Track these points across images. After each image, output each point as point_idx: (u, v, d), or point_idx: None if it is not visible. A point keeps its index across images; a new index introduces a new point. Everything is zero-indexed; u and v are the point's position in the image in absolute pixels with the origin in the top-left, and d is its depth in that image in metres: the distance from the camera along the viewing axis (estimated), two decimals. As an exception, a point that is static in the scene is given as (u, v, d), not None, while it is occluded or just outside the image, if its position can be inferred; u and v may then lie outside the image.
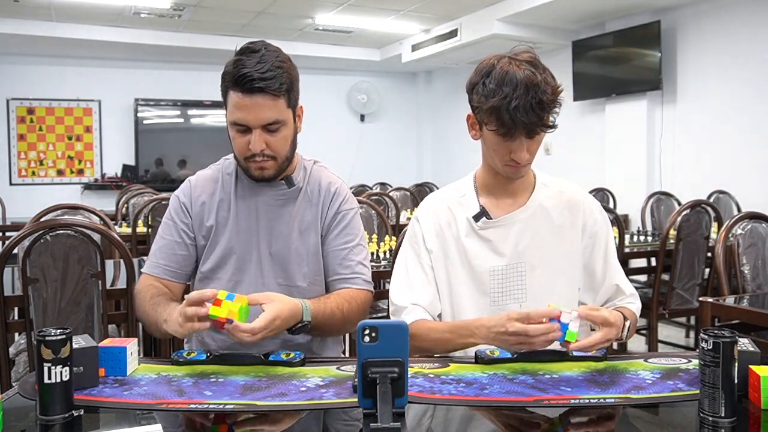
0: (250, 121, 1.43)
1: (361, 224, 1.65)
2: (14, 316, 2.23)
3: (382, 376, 0.95)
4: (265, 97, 1.41)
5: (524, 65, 1.33)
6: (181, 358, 1.28)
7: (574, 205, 1.50)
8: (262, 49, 1.43)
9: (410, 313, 1.45)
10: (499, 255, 1.45)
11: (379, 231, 3.27)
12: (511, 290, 1.45)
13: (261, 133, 1.44)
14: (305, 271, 1.55)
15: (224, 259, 1.55)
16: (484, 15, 6.01)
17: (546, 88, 1.31)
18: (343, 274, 1.57)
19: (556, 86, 1.34)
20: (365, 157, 8.59)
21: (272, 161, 1.48)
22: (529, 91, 1.29)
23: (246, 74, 1.39)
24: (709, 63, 5.15)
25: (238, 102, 1.42)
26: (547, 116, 1.33)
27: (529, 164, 1.42)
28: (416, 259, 1.50)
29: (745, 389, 1.07)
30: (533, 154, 1.40)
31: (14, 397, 1.12)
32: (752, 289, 2.25)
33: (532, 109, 1.30)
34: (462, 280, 1.46)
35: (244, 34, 6.91)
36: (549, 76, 1.35)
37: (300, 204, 1.57)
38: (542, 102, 1.30)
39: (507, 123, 1.31)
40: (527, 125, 1.31)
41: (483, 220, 1.46)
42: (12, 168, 7.34)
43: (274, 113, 1.43)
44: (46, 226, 1.98)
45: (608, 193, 5.50)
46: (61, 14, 6.14)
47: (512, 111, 1.29)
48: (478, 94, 1.36)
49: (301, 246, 1.55)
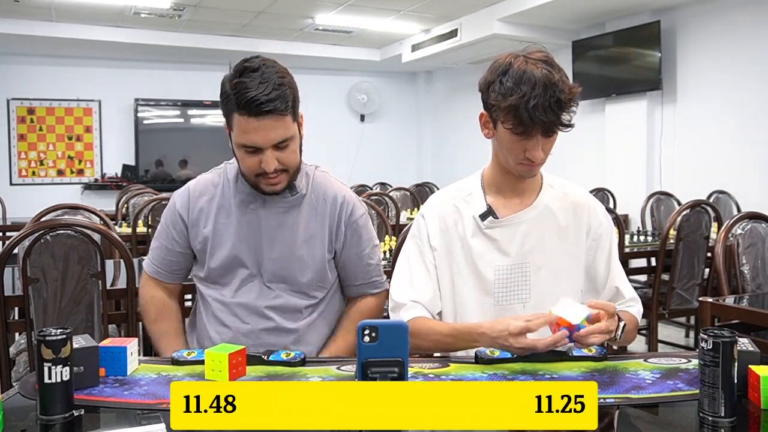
0: (260, 142, 1.42)
1: (371, 226, 1.67)
2: (14, 316, 2.23)
3: (382, 376, 0.95)
4: (273, 118, 1.40)
5: (540, 64, 1.32)
6: (181, 358, 1.28)
7: (579, 208, 1.50)
8: (261, 66, 1.41)
9: (410, 310, 1.45)
10: (504, 254, 1.45)
11: (379, 231, 3.27)
12: (516, 290, 1.45)
13: (272, 152, 1.43)
14: (310, 277, 1.56)
15: (230, 265, 1.55)
16: (484, 15, 6.01)
17: (563, 87, 1.31)
18: (363, 280, 1.65)
19: (573, 85, 1.34)
20: (365, 157, 8.59)
21: (284, 174, 1.49)
22: (547, 89, 1.29)
23: (252, 98, 1.36)
24: (709, 63, 5.15)
25: (246, 126, 1.40)
26: (564, 115, 1.33)
27: (542, 163, 1.41)
28: (419, 257, 1.49)
29: (745, 389, 1.07)
30: (547, 153, 1.39)
31: (14, 397, 1.12)
32: (752, 289, 2.25)
33: (550, 107, 1.29)
34: (466, 279, 1.46)
35: (244, 34, 6.91)
36: (564, 76, 1.34)
37: (304, 211, 1.57)
38: (560, 101, 1.30)
39: (525, 121, 1.30)
40: (545, 124, 1.31)
41: (489, 219, 1.45)
42: (12, 168, 7.34)
43: (282, 132, 1.43)
44: (46, 226, 1.99)
45: (608, 193, 5.50)
46: (61, 14, 6.14)
47: (531, 110, 1.28)
48: (495, 92, 1.34)
49: (306, 253, 1.55)
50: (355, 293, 1.65)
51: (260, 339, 1.54)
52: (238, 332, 1.54)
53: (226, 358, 1.16)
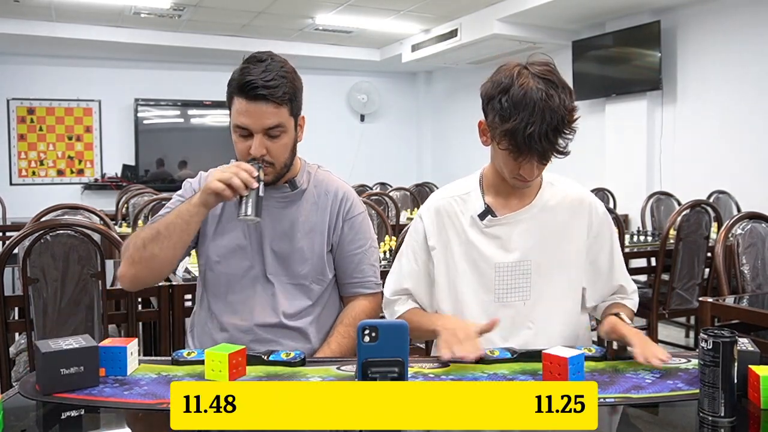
0: (252, 125, 1.46)
1: (371, 225, 1.70)
2: (14, 316, 2.23)
3: (382, 376, 0.95)
4: (267, 105, 1.45)
5: (542, 83, 1.31)
6: (181, 358, 1.28)
7: (579, 205, 1.51)
8: (269, 59, 1.48)
9: (404, 303, 1.53)
10: (505, 252, 1.46)
11: (379, 231, 3.27)
12: (516, 287, 1.46)
13: (262, 139, 1.47)
14: (308, 269, 1.58)
15: (233, 253, 1.56)
16: (484, 15, 6.01)
17: (563, 111, 1.30)
18: (357, 278, 1.65)
19: (573, 107, 1.33)
20: (365, 157, 8.59)
21: (270, 168, 1.51)
22: (545, 116, 1.28)
23: (250, 82, 1.43)
24: (709, 63, 5.15)
25: (242, 108, 1.46)
26: (561, 141, 1.33)
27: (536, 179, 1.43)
28: (412, 255, 1.54)
29: (745, 389, 1.07)
30: (542, 171, 1.42)
31: (15, 397, 1.11)
32: (752, 289, 2.25)
33: (546, 135, 1.29)
34: (465, 277, 1.47)
35: (244, 34, 6.91)
36: (566, 95, 1.33)
37: (304, 206, 1.59)
38: (557, 129, 1.31)
39: (521, 147, 1.32)
40: (540, 152, 1.32)
41: (488, 218, 1.46)
42: (12, 168, 7.34)
43: (275, 119, 1.47)
44: (46, 226, 1.99)
45: (608, 193, 5.50)
46: (62, 14, 6.14)
47: (527, 137, 1.29)
48: (494, 112, 1.35)
49: (305, 246, 1.57)
50: (349, 292, 1.66)
51: (259, 335, 1.54)
52: (237, 329, 1.55)
53: (226, 358, 1.16)
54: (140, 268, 1.46)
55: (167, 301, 2.25)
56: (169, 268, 1.53)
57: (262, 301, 1.55)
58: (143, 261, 1.45)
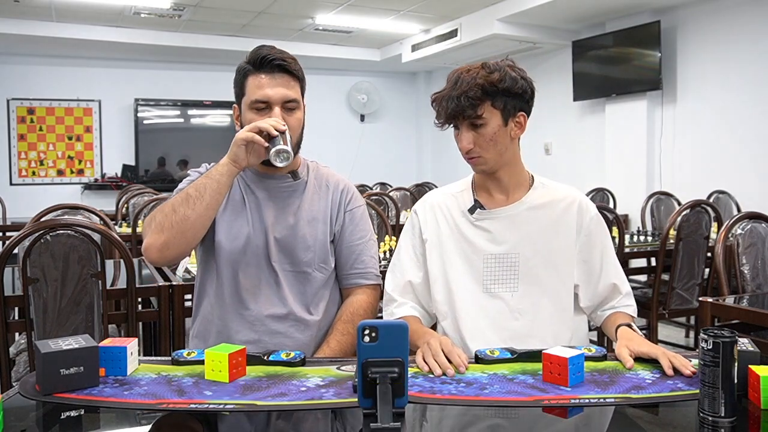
0: (273, 96, 1.51)
1: (369, 220, 1.74)
2: (14, 316, 2.23)
3: (382, 376, 0.95)
4: (284, 76, 1.52)
5: (475, 68, 1.43)
6: (181, 358, 1.28)
7: (570, 205, 1.54)
8: (275, 47, 1.56)
9: (400, 307, 1.55)
10: (494, 244, 1.50)
11: (379, 231, 3.27)
12: (504, 279, 1.50)
13: (280, 112, 1.51)
14: (311, 257, 1.60)
15: (238, 240, 1.57)
16: (484, 15, 6.01)
17: (471, 80, 1.40)
18: (358, 269, 1.66)
19: (489, 79, 1.40)
20: (365, 157, 8.59)
21: None
22: (457, 84, 1.42)
23: (267, 55, 1.51)
24: (709, 63, 5.15)
25: (260, 82, 1.51)
26: (467, 107, 1.40)
27: (482, 157, 1.47)
28: (411, 249, 1.59)
29: (745, 389, 1.07)
30: (482, 147, 1.45)
31: (15, 397, 1.11)
32: (752, 289, 2.25)
33: (451, 99, 1.41)
34: (457, 267, 1.52)
35: (244, 34, 6.91)
36: (499, 72, 1.41)
37: (306, 195, 1.63)
38: (460, 96, 1.40)
39: (439, 113, 1.46)
40: (450, 114, 1.43)
41: (478, 211, 1.52)
42: (12, 168, 7.34)
43: (293, 93, 1.54)
44: (46, 226, 1.99)
45: (608, 193, 5.50)
46: (62, 14, 6.14)
47: (439, 101, 1.45)
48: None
49: (308, 234, 1.60)
50: (349, 283, 1.67)
51: (265, 325, 1.55)
52: (244, 320, 1.55)
53: (226, 358, 1.16)
54: (172, 233, 1.41)
55: (167, 301, 2.25)
56: (201, 233, 1.47)
57: (267, 290, 1.57)
58: (175, 225, 1.41)
